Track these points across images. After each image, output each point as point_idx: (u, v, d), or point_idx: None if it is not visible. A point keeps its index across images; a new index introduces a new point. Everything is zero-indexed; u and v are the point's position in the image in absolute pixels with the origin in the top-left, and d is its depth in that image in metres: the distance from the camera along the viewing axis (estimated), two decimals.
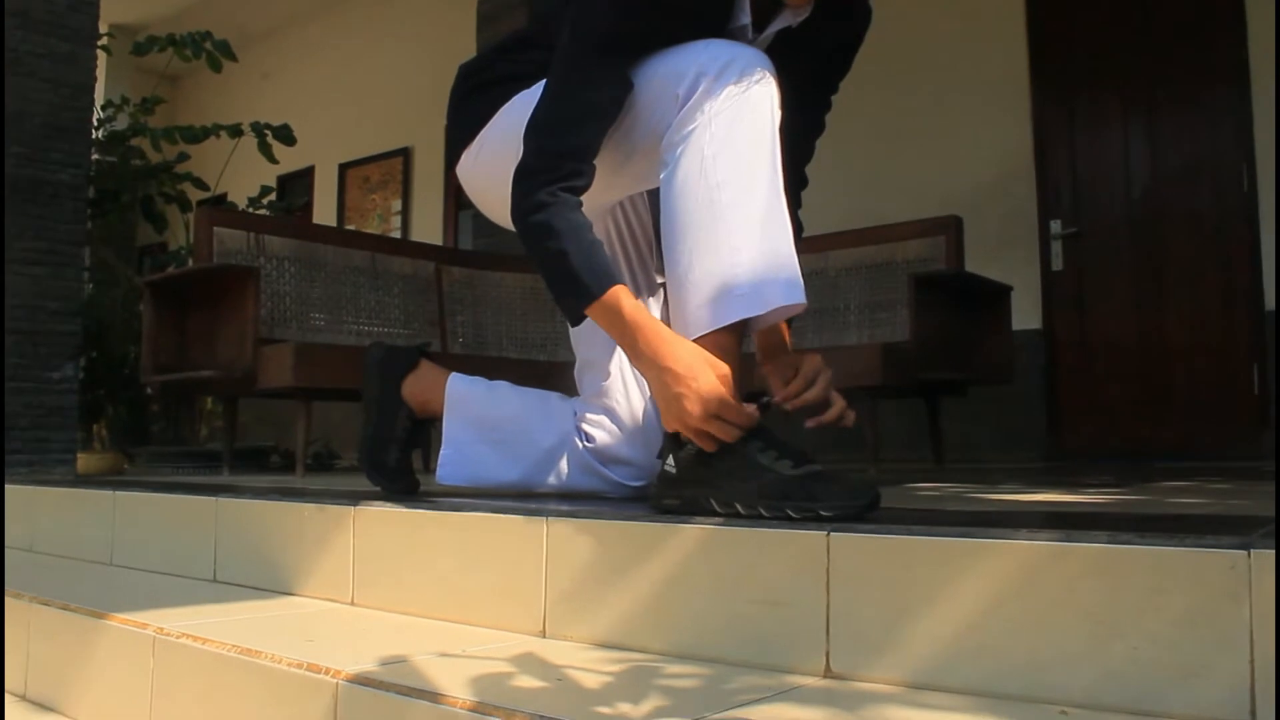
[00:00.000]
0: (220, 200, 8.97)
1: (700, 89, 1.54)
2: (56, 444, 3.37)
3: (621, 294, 1.51)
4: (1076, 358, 5.72)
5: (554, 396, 2.05)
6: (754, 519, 1.39)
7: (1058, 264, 5.81)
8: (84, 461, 4.10)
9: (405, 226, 9.31)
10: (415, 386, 2.02)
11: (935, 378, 3.61)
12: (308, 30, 10.20)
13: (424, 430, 2.06)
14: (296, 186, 9.98)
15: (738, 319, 1.50)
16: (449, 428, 1.99)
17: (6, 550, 2.85)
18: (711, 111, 1.53)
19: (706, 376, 1.45)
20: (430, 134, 9.01)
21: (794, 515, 1.36)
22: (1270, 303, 5.09)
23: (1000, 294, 3.99)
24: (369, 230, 9.58)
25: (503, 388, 2.05)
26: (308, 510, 1.90)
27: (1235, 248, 5.29)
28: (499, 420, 2.00)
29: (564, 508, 1.60)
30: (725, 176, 1.51)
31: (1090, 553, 1.11)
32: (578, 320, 1.58)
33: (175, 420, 5.16)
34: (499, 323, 4.40)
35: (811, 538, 1.29)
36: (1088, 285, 5.72)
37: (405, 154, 9.33)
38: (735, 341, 1.54)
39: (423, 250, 4.41)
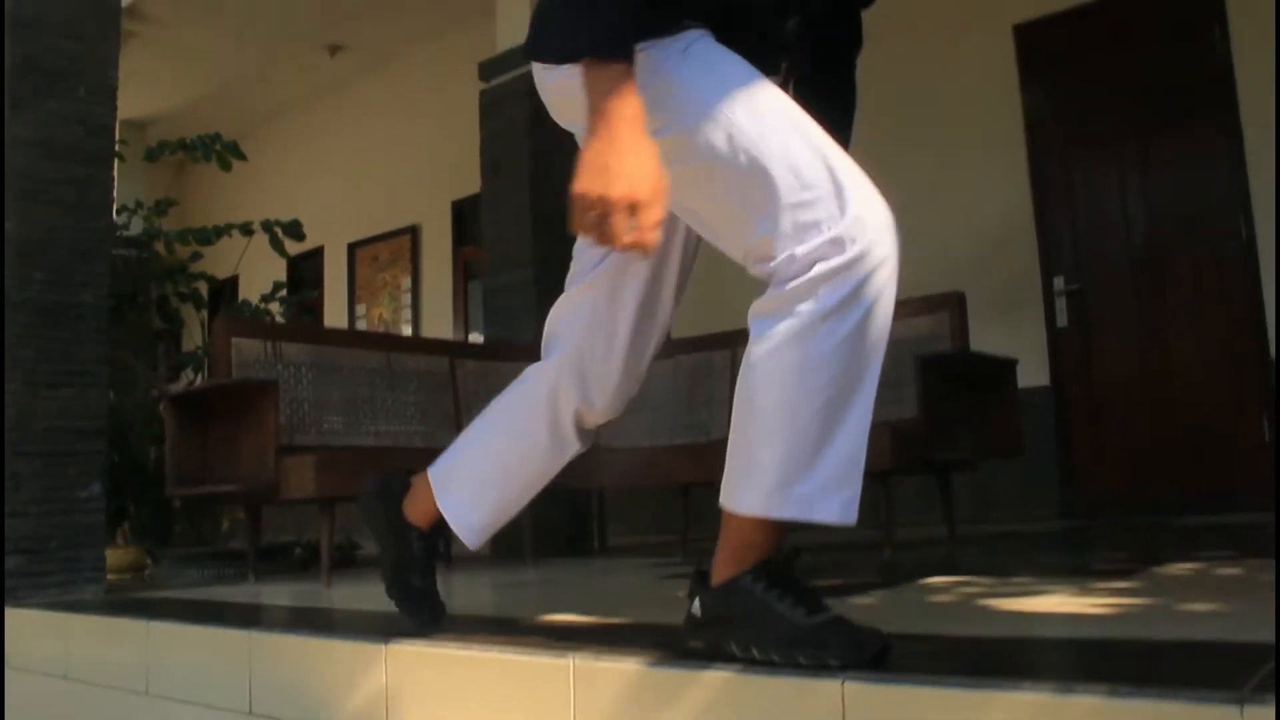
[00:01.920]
0: (233, 286, 9.13)
1: (826, 268, 1.44)
2: (86, 562, 3.44)
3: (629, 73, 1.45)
4: (1086, 413, 5.77)
5: (517, 394, 2.06)
6: (769, 664, 1.45)
7: (1063, 320, 5.87)
8: (109, 557, 4.16)
9: (416, 302, 9.43)
10: (414, 505, 2.06)
11: (946, 458, 3.66)
12: (312, 113, 10.40)
13: (436, 543, 2.10)
14: (307, 268, 10.12)
15: (790, 518, 1.50)
16: (447, 507, 2.02)
17: (41, 677, 2.92)
18: (831, 306, 1.46)
19: (649, 174, 1.42)
20: (437, 211, 9.16)
21: (804, 663, 1.42)
22: (1275, 351, 5.13)
23: (1006, 367, 4.05)
24: (380, 308, 9.73)
25: (470, 439, 2.08)
26: (340, 650, 1.96)
27: (1237, 297, 5.34)
28: (487, 469, 2.03)
29: (590, 649, 1.66)
30: (828, 380, 1.47)
31: (1089, 707, 1.17)
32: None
33: (197, 518, 5.24)
34: None
35: (828, 686, 1.35)
36: (1094, 340, 5.77)
37: (413, 231, 9.47)
38: None
39: (436, 346, 4.49)
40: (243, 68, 9.00)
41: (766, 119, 1.52)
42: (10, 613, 3.21)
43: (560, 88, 1.68)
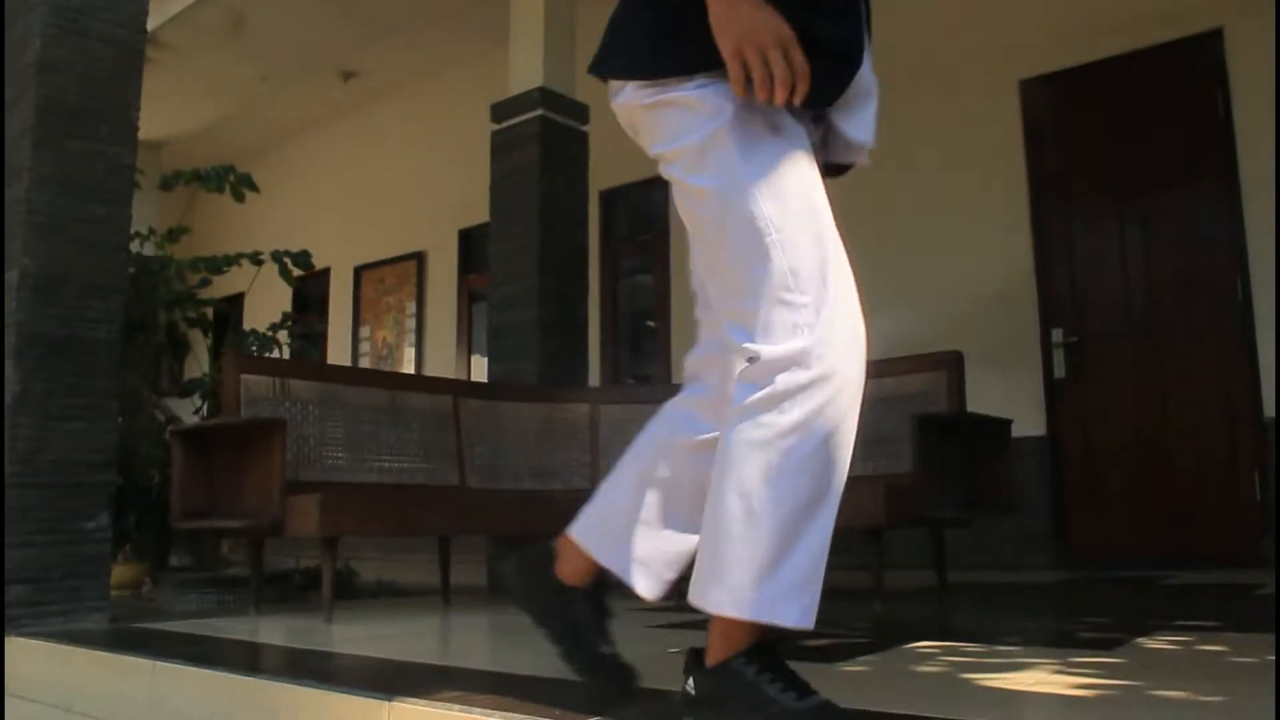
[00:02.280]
0: (238, 305, 9.21)
1: (792, 384, 1.53)
2: (90, 592, 3.49)
3: None
4: (1081, 465, 5.83)
5: (657, 431, 1.98)
6: None
7: (1060, 372, 5.94)
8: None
9: (420, 327, 9.51)
10: (568, 566, 1.99)
11: (938, 516, 3.72)
12: (324, 137, 10.53)
13: (603, 600, 2.01)
14: (313, 288, 10.21)
15: (751, 619, 1.55)
16: (607, 559, 1.93)
17: (44, 707, 2.97)
18: (795, 422, 1.53)
19: (778, 19, 1.54)
20: (444, 238, 9.26)
21: None
22: (1270, 410, 5.20)
23: (1001, 426, 4.12)
24: (384, 331, 9.81)
25: (616, 484, 1.98)
26: (342, 705, 2.01)
27: (1233, 356, 5.41)
28: (631, 518, 1.93)
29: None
30: (792, 492, 1.53)
31: None
32: None
33: (197, 540, 5.29)
34: (516, 452, 4.54)
35: None
36: (1090, 393, 5.84)
37: (420, 257, 9.56)
38: None
39: (441, 385, 4.56)
40: (259, 93, 9.12)
41: (789, 205, 1.59)
42: (13, 641, 3.27)
43: (629, 109, 1.75)
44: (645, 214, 7.88)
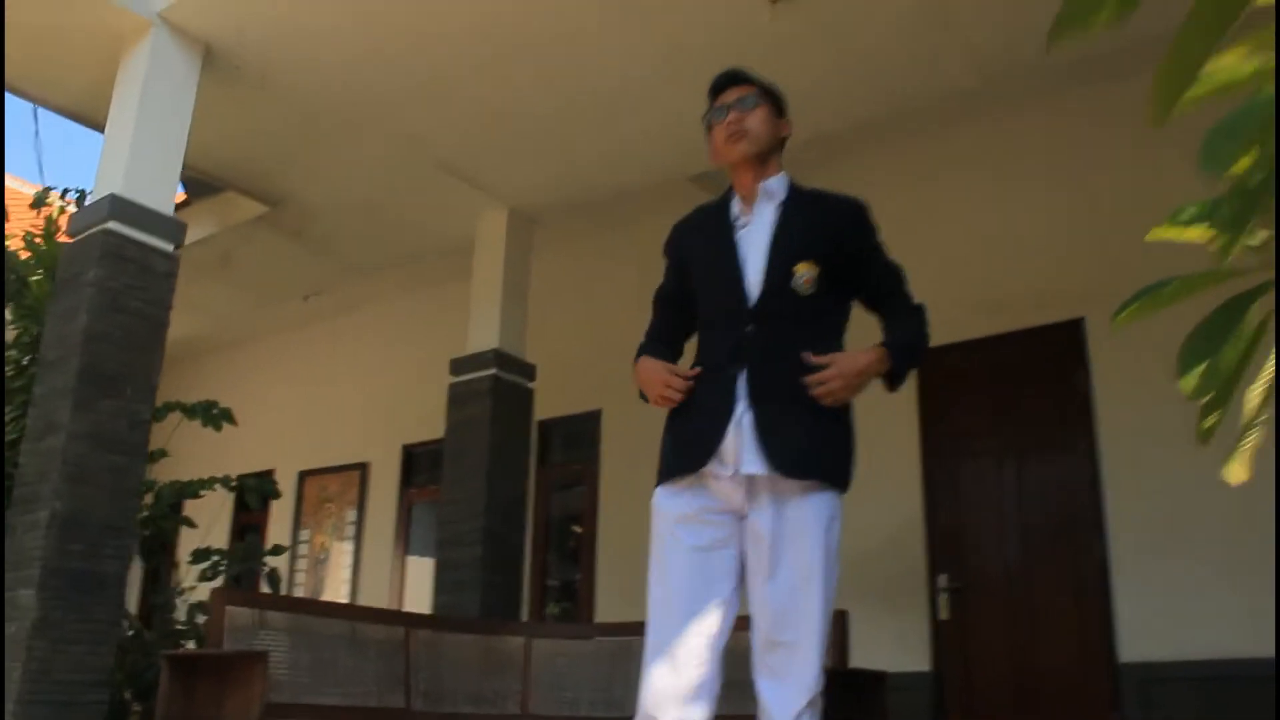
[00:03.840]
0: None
1: None
2: None
3: None
4: (961, 700, 6.47)
5: None
6: None
7: (944, 613, 6.62)
8: None
9: (359, 535, 9.99)
10: None
11: None
12: (277, 344, 11.11)
13: None
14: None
15: None
16: None
17: None
18: None
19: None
20: (388, 451, 9.85)
21: None
22: (1123, 656, 5.90)
23: (878, 679, 4.79)
24: (323, 536, 10.28)
25: None
26: None
27: (1092, 607, 6.11)
28: None
29: None
30: None
31: None
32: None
33: None
34: (457, 679, 5.10)
35: None
36: (970, 634, 6.52)
37: (363, 468, 10.12)
38: None
39: (395, 617, 5.15)
40: (228, 310, 9.78)
41: (653, 588, 2.62)
42: None
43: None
44: (578, 440, 8.59)
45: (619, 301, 4.06)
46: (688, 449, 2.65)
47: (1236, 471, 1.41)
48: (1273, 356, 1.26)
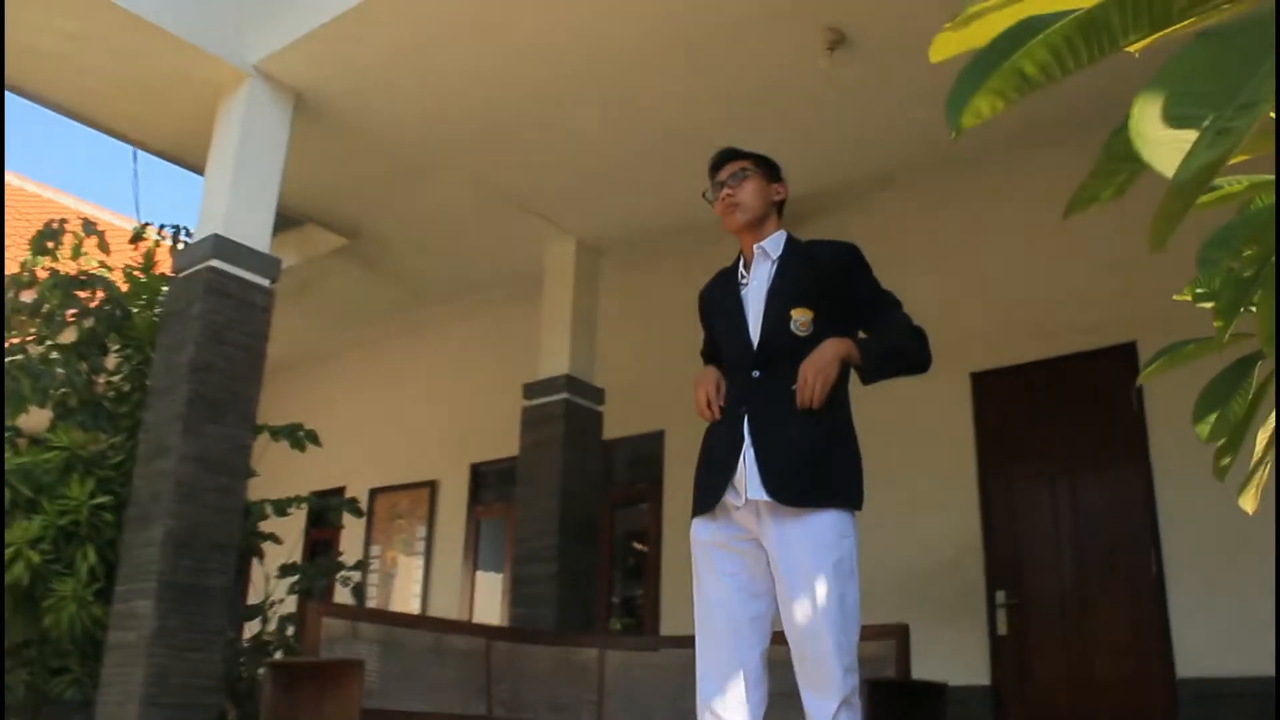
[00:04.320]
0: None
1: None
2: None
3: None
4: (1018, 712, 6.63)
5: None
6: None
7: (1002, 629, 6.80)
8: None
9: (429, 550, 10.33)
10: None
11: None
12: (347, 364, 11.51)
13: None
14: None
15: None
16: None
17: None
18: None
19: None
20: (456, 470, 10.19)
21: None
22: (1181, 671, 6.05)
23: (938, 690, 5.01)
24: (394, 551, 10.64)
25: None
26: None
27: (1148, 623, 6.27)
28: None
29: None
30: None
31: None
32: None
33: None
34: (534, 689, 5.39)
35: None
36: (1028, 649, 6.69)
37: (432, 486, 10.47)
38: None
39: (476, 629, 5.45)
40: (308, 338, 10.17)
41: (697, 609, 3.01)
42: None
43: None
44: (643, 460, 8.86)
45: (681, 327, 4.32)
46: (708, 483, 3.05)
47: (1249, 501, 1.64)
48: (1274, 408, 1.50)
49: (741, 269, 3.27)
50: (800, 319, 3.05)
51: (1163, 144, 0.69)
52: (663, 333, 7.62)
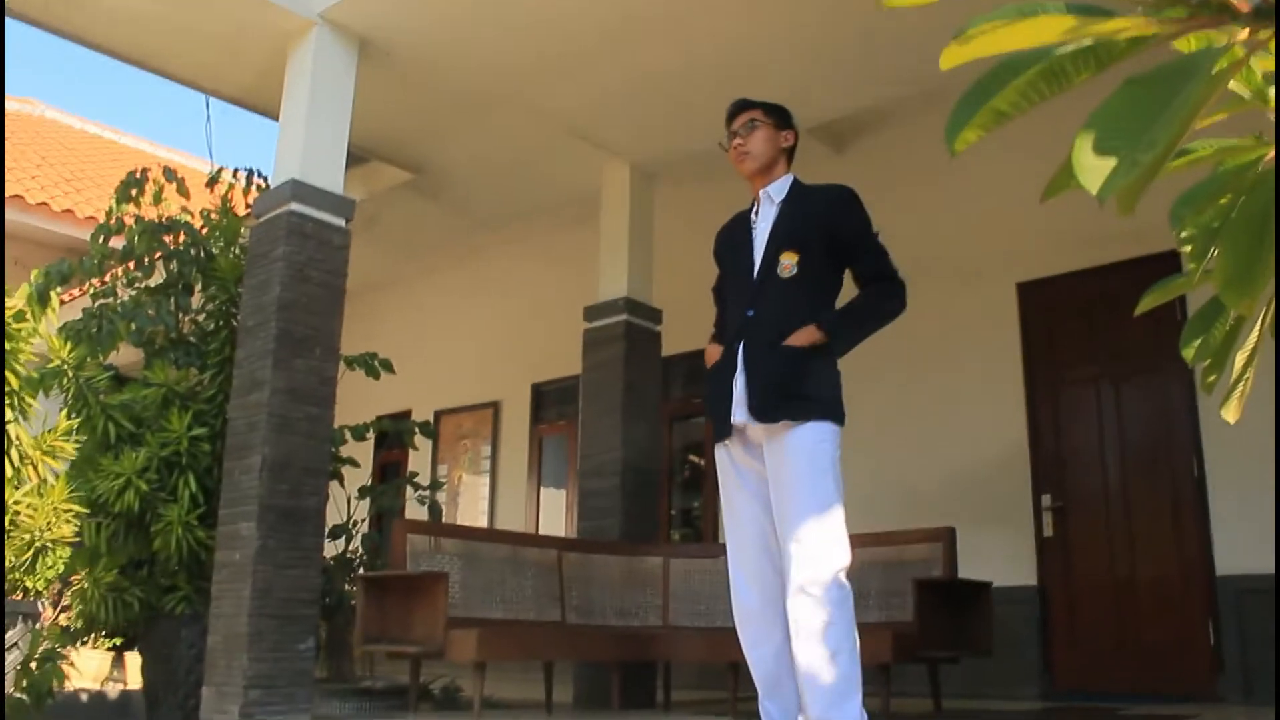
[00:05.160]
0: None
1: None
2: (300, 697, 4.73)
3: None
4: (1064, 611, 6.94)
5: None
6: None
7: (1048, 531, 7.08)
8: None
9: (494, 469, 10.75)
10: None
11: (932, 656, 4.91)
12: (410, 289, 11.82)
13: None
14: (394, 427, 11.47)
15: None
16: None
17: None
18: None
19: None
20: (518, 390, 10.55)
21: None
22: (1220, 569, 6.31)
23: (983, 588, 5.32)
24: (460, 470, 11.08)
25: None
26: None
27: (1189, 524, 6.53)
28: None
29: None
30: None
31: None
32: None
33: (338, 649, 6.50)
34: (604, 595, 5.78)
35: None
36: (1073, 550, 6.98)
37: (495, 406, 10.86)
38: None
39: (549, 541, 5.85)
40: (374, 268, 10.47)
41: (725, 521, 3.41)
42: None
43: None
44: (698, 375, 9.15)
45: None
46: (715, 414, 3.46)
47: (1230, 413, 1.89)
48: (1255, 331, 1.74)
49: (754, 213, 3.58)
50: (785, 262, 3.38)
51: (1091, 169, 0.95)
52: None
